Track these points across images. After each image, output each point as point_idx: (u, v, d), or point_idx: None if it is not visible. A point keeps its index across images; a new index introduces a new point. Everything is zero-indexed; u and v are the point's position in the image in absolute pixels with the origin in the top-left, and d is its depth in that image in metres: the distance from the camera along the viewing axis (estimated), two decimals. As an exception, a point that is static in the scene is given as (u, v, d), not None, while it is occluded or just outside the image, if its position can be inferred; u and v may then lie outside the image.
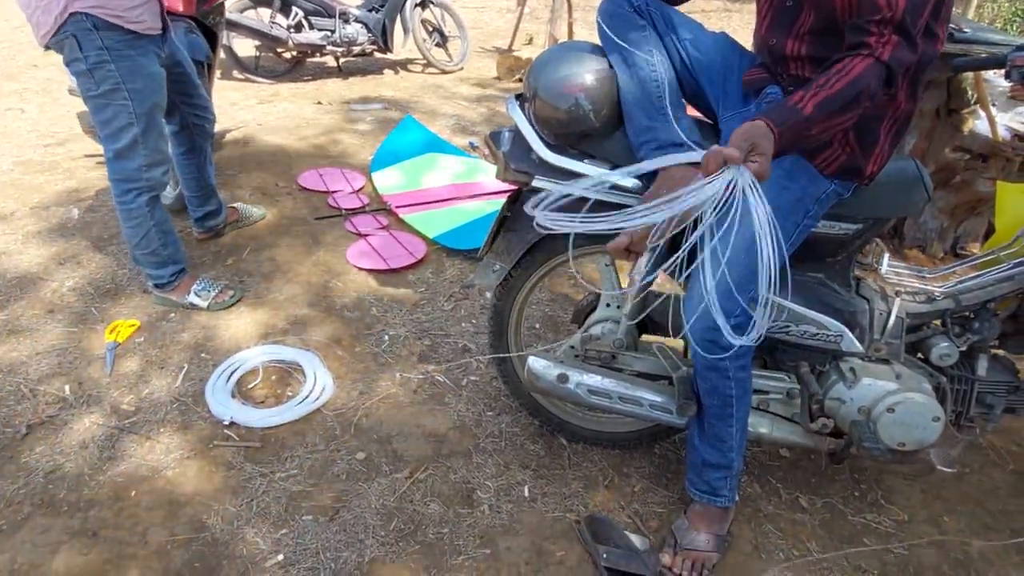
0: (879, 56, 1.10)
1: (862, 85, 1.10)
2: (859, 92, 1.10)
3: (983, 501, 1.83)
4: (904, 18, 1.10)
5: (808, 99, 1.10)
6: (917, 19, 1.12)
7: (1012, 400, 1.60)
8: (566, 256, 1.63)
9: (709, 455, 1.55)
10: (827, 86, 1.10)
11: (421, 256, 2.77)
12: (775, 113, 1.10)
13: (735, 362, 1.44)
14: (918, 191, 1.42)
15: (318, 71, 5.45)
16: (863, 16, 1.13)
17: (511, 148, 1.51)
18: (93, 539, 1.57)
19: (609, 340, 1.67)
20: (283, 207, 3.14)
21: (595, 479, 1.81)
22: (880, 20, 1.11)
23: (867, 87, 1.10)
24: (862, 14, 1.13)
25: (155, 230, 2.23)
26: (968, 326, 1.57)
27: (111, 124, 2.04)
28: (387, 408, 2.01)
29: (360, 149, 3.86)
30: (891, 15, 1.10)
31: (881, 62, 1.10)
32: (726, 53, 1.44)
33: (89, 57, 1.93)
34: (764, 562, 1.62)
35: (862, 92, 1.10)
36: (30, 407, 1.92)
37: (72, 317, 2.31)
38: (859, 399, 1.53)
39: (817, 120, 1.09)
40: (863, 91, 1.10)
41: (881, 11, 1.10)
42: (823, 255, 1.52)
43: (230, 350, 2.19)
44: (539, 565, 1.57)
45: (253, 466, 1.78)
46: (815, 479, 1.86)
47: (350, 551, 1.58)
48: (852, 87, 1.09)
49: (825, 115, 1.10)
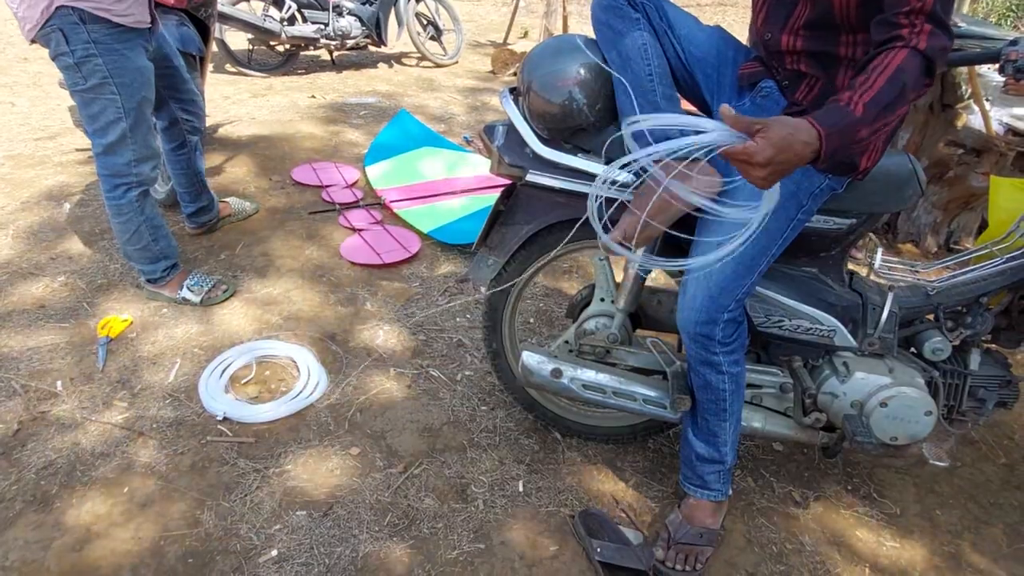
0: (916, 45, 1.05)
1: (904, 78, 1.04)
2: (903, 86, 1.04)
3: (975, 495, 1.84)
4: (935, 6, 1.06)
5: (856, 99, 1.03)
6: (948, 5, 1.08)
7: (1004, 394, 1.61)
8: (561, 250, 1.63)
9: (702, 449, 1.55)
10: (869, 84, 1.04)
11: (415, 251, 2.76)
12: (823, 115, 1.03)
13: (728, 357, 1.44)
14: (911, 186, 1.42)
15: (311, 65, 5.42)
16: (891, 9, 1.09)
17: (505, 142, 1.50)
18: (86, 535, 1.56)
19: (603, 335, 1.67)
20: (276, 201, 3.13)
21: (589, 474, 1.82)
22: (910, 11, 1.07)
23: (909, 79, 1.04)
24: (890, 7, 1.09)
25: (145, 225, 2.22)
26: (961, 320, 1.57)
27: (99, 119, 2.03)
28: (381, 403, 2.01)
29: (354, 143, 3.84)
30: (920, 4, 1.06)
31: (919, 51, 1.05)
32: (721, 47, 1.43)
33: (76, 51, 1.91)
34: (757, 555, 1.62)
35: (905, 85, 1.04)
36: (21, 403, 1.91)
37: (64, 312, 2.30)
38: (852, 393, 1.53)
39: (868, 121, 1.03)
40: (906, 84, 1.04)
41: (910, 2, 1.06)
42: (817, 250, 1.52)
43: (223, 345, 2.19)
44: (533, 559, 1.58)
45: (247, 461, 1.78)
46: (808, 473, 1.87)
47: (344, 546, 1.58)
48: (894, 81, 1.04)
49: (874, 115, 1.03)
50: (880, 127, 1.06)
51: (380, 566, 1.54)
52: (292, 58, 5.15)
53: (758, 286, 1.49)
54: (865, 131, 1.04)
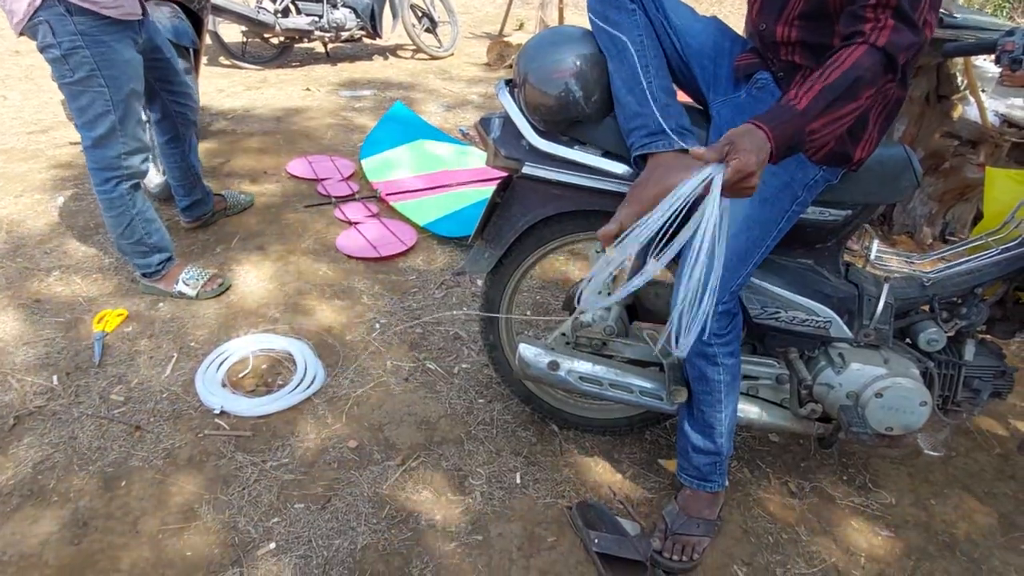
0: (874, 42, 1.07)
1: (858, 73, 1.06)
2: (855, 80, 1.06)
3: (969, 484, 1.86)
4: (900, 1, 1.07)
5: (802, 94, 1.07)
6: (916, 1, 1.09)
7: (998, 384, 1.62)
8: (556, 243, 1.63)
9: (699, 441, 1.56)
10: (821, 78, 1.07)
11: (411, 244, 2.75)
12: (767, 114, 1.07)
13: (723, 348, 1.44)
14: (907, 177, 1.42)
15: (306, 57, 5.39)
16: (858, 2, 1.10)
17: (501, 134, 1.50)
18: (84, 529, 1.56)
19: (600, 327, 1.67)
20: (272, 195, 3.12)
21: (586, 465, 1.82)
22: (875, 5, 1.08)
23: (864, 75, 1.07)
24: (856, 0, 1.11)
25: (138, 219, 2.21)
26: (956, 311, 1.58)
27: (88, 111, 2.01)
28: (378, 396, 2.01)
29: (349, 136, 3.83)
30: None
31: (877, 48, 1.07)
32: (717, 38, 1.43)
33: (63, 43, 1.89)
34: (754, 545, 1.63)
35: (858, 80, 1.06)
36: (17, 398, 1.91)
37: (59, 307, 2.29)
38: (848, 384, 1.54)
39: (814, 114, 1.06)
40: (859, 79, 1.06)
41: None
42: (812, 241, 1.52)
43: (220, 339, 2.18)
44: (531, 551, 1.58)
45: (244, 455, 1.78)
46: (804, 464, 1.88)
47: (342, 538, 1.58)
48: (847, 76, 1.06)
49: (823, 108, 1.06)
50: (833, 120, 1.08)
51: (379, 558, 1.54)
52: (286, 51, 5.12)
53: (754, 277, 1.49)
54: (815, 124, 1.07)
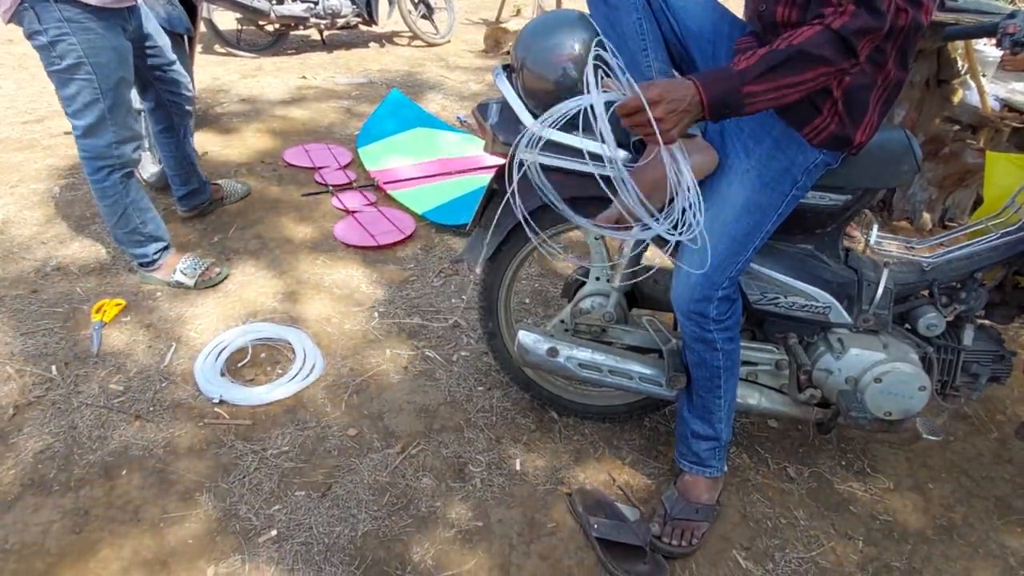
0: (829, 24, 1.09)
1: (804, 48, 1.09)
2: (799, 53, 1.09)
3: (967, 469, 1.87)
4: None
5: (743, 59, 1.11)
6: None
7: (997, 369, 1.62)
8: (556, 230, 1.63)
9: (698, 427, 1.56)
10: (768, 47, 1.11)
11: (410, 232, 2.75)
12: (706, 72, 1.13)
13: (723, 334, 1.44)
14: (908, 161, 1.42)
15: (302, 45, 5.35)
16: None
17: (499, 120, 1.49)
18: (85, 518, 1.57)
19: (599, 314, 1.67)
20: (269, 184, 3.10)
21: (586, 452, 1.83)
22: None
23: (811, 51, 1.09)
24: None
25: (132, 208, 2.20)
26: (955, 296, 1.58)
27: (77, 100, 1.99)
28: (378, 384, 2.01)
29: (346, 124, 3.81)
30: None
31: (831, 30, 1.09)
32: (716, 20, 1.41)
33: (49, 30, 1.87)
34: (752, 530, 1.64)
35: (803, 54, 1.09)
36: (16, 388, 1.91)
37: (57, 297, 2.28)
38: (847, 369, 1.54)
39: (751, 76, 1.09)
40: (804, 54, 1.09)
41: None
42: (812, 227, 1.52)
43: (218, 328, 2.18)
44: (531, 537, 1.59)
45: (244, 443, 1.78)
46: (803, 449, 1.89)
47: (343, 526, 1.59)
48: (792, 48, 1.09)
49: (760, 72, 1.09)
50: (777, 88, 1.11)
51: (379, 545, 1.55)
52: (282, 38, 5.08)
53: (753, 263, 1.49)
54: (753, 87, 1.10)
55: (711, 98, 1.10)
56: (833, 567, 1.57)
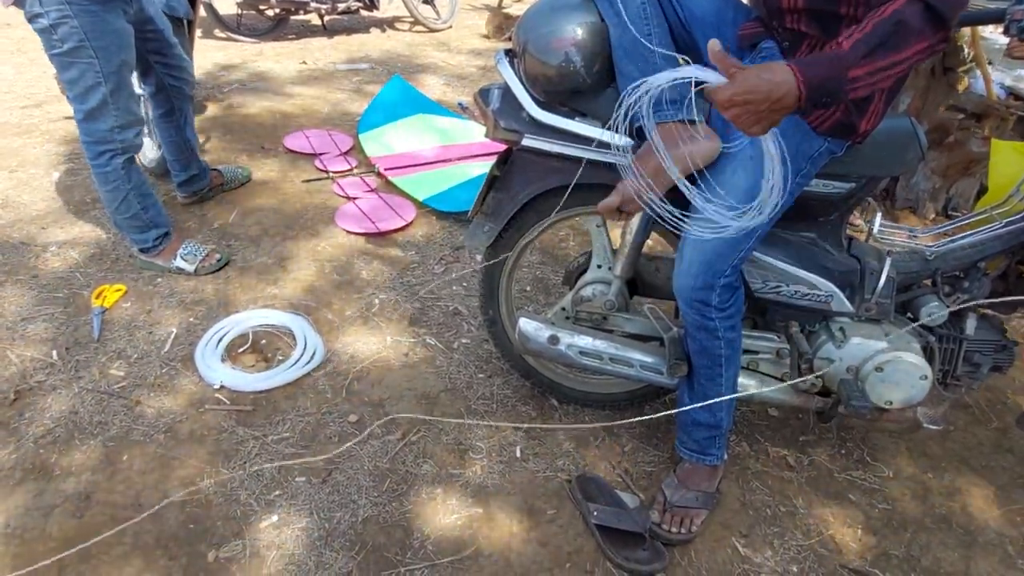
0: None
1: (900, 18, 1.01)
2: (896, 24, 1.01)
3: (967, 458, 1.87)
4: None
5: (844, 39, 1.03)
6: None
7: (999, 358, 1.62)
8: (556, 217, 1.62)
9: (698, 415, 1.56)
10: (862, 27, 1.03)
11: (410, 219, 2.74)
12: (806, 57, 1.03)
13: (724, 322, 1.44)
14: (912, 149, 1.40)
15: (302, 30, 5.31)
16: None
17: (501, 106, 1.48)
18: (86, 503, 1.57)
19: (600, 301, 1.66)
20: (269, 170, 3.09)
21: (586, 439, 1.83)
22: None
23: (908, 21, 1.02)
24: None
25: (133, 193, 2.19)
26: (958, 285, 1.57)
27: (78, 83, 1.98)
28: (378, 371, 2.01)
29: (347, 110, 3.78)
30: None
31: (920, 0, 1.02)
32: (720, 6, 1.40)
33: (50, 13, 1.86)
34: (752, 518, 1.65)
35: (900, 25, 1.01)
36: (17, 373, 1.91)
37: (57, 282, 2.28)
38: (848, 358, 1.54)
39: (857, 57, 1.01)
40: (901, 24, 1.01)
41: None
42: (816, 215, 1.51)
43: (219, 314, 2.18)
44: (531, 524, 1.60)
45: (245, 429, 1.78)
46: (803, 437, 1.89)
47: (343, 511, 1.59)
48: (887, 22, 1.02)
49: (864, 52, 1.01)
50: (877, 70, 1.03)
51: (379, 531, 1.55)
52: (282, 23, 5.04)
53: (756, 251, 1.48)
54: (857, 71, 1.02)
55: (811, 86, 1.00)
56: (832, 555, 1.58)
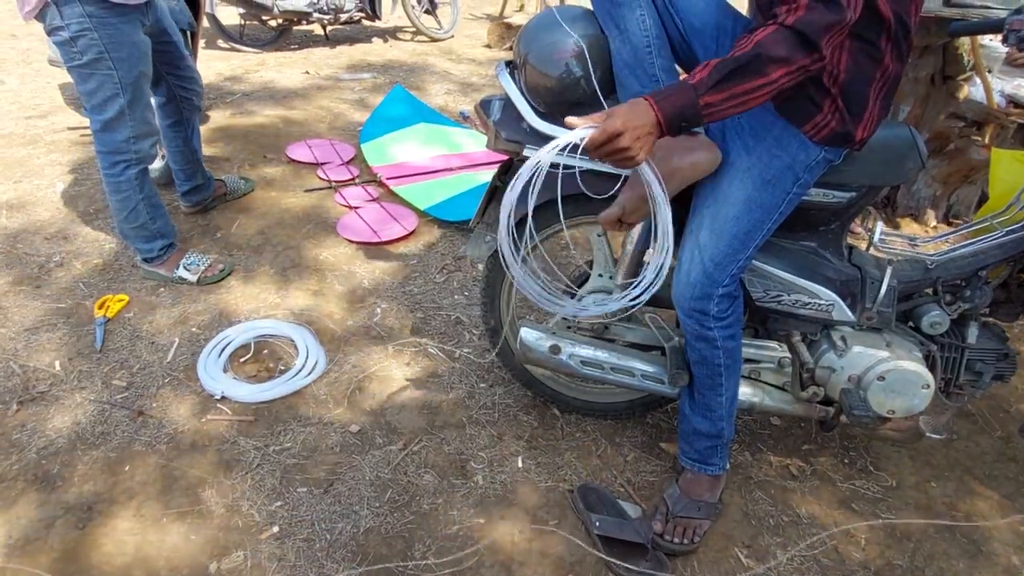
0: (782, 22, 1.08)
1: (759, 50, 1.07)
2: (755, 56, 1.07)
3: (970, 467, 1.86)
4: None
5: (698, 71, 1.10)
6: None
7: (1001, 367, 1.61)
8: (557, 227, 1.62)
9: (700, 424, 1.56)
10: (723, 57, 1.10)
11: (412, 228, 2.74)
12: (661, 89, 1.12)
13: (723, 332, 1.44)
14: (912, 158, 1.41)
15: (305, 40, 5.34)
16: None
17: (502, 117, 1.48)
18: (88, 513, 1.57)
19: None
20: (272, 180, 3.10)
21: (588, 449, 1.83)
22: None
23: (767, 52, 1.07)
24: None
25: (144, 203, 2.20)
26: (960, 294, 1.57)
27: (96, 95, 2.00)
28: (380, 381, 2.01)
29: (349, 120, 3.80)
30: None
31: (785, 27, 1.07)
32: (719, 17, 1.40)
33: (71, 25, 1.88)
34: (755, 528, 1.64)
35: (759, 57, 1.07)
36: (20, 383, 1.91)
37: (60, 292, 2.29)
38: (850, 367, 1.53)
39: (707, 87, 1.08)
40: (761, 56, 1.07)
41: None
42: (816, 224, 1.51)
43: (221, 324, 2.18)
44: (533, 534, 1.59)
45: (247, 440, 1.78)
46: (805, 447, 1.88)
47: (345, 522, 1.59)
48: (748, 52, 1.08)
49: (716, 81, 1.08)
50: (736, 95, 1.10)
51: (381, 541, 1.55)
52: (285, 33, 5.07)
53: (757, 260, 1.48)
54: (709, 98, 1.09)
55: (667, 116, 1.09)
56: (835, 565, 1.57)
